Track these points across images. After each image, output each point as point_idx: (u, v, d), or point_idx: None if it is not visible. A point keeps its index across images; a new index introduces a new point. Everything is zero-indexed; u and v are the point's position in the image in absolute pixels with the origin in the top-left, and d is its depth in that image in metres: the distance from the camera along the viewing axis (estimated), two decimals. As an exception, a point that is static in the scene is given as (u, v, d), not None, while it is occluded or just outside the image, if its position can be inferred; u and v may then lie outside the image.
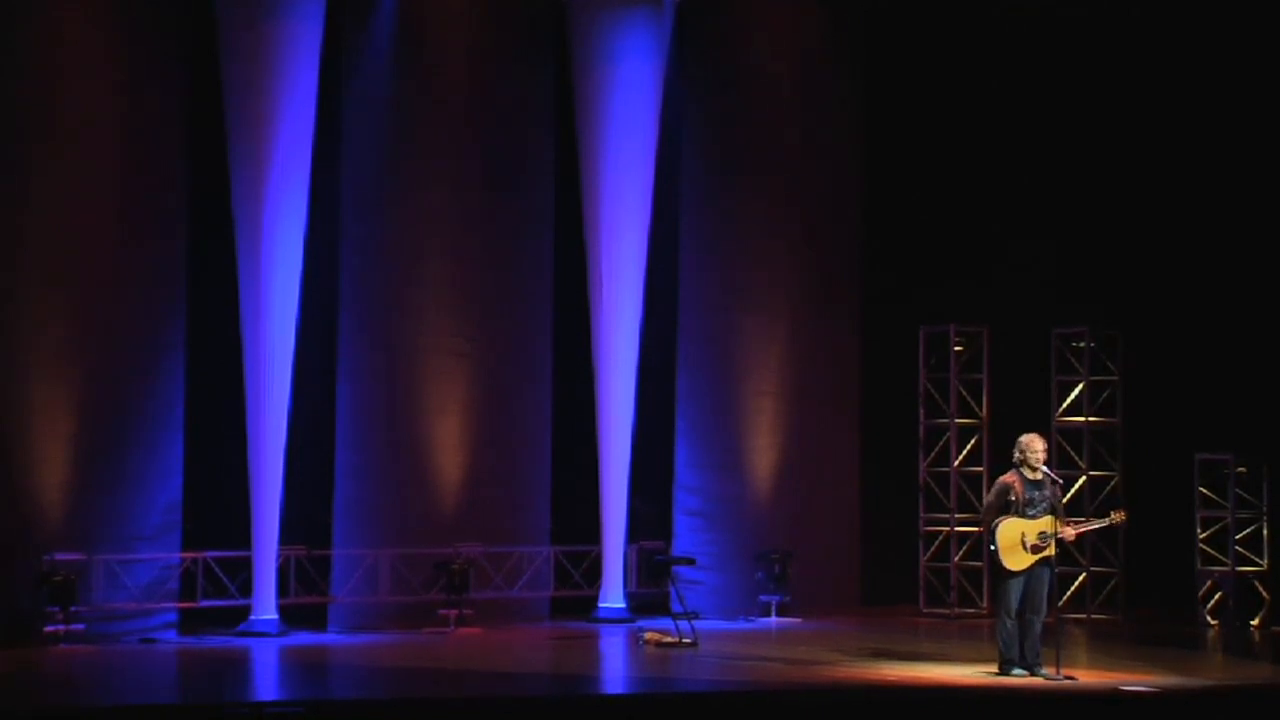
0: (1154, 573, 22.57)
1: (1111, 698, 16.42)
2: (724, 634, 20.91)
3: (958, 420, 23.06)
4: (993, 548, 17.16)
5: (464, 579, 20.76)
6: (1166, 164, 23.01)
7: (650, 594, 22.08)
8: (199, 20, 20.04)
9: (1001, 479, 17.44)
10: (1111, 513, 17.81)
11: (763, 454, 22.62)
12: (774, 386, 22.74)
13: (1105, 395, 23.05)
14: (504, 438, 21.59)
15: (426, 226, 21.23)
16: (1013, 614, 17.19)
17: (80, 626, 19.12)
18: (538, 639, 20.72)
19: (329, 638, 20.28)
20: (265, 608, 20.03)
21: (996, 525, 17.16)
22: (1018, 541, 17.11)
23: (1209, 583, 22.02)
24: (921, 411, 23.27)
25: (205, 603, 20.17)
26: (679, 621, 19.88)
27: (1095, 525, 18.13)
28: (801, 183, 22.91)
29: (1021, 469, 17.36)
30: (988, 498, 17.65)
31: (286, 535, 20.21)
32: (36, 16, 19.29)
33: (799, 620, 22.11)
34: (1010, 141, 23.46)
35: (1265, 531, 21.97)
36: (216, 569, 20.21)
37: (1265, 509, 21.97)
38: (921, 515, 23.17)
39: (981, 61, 23.42)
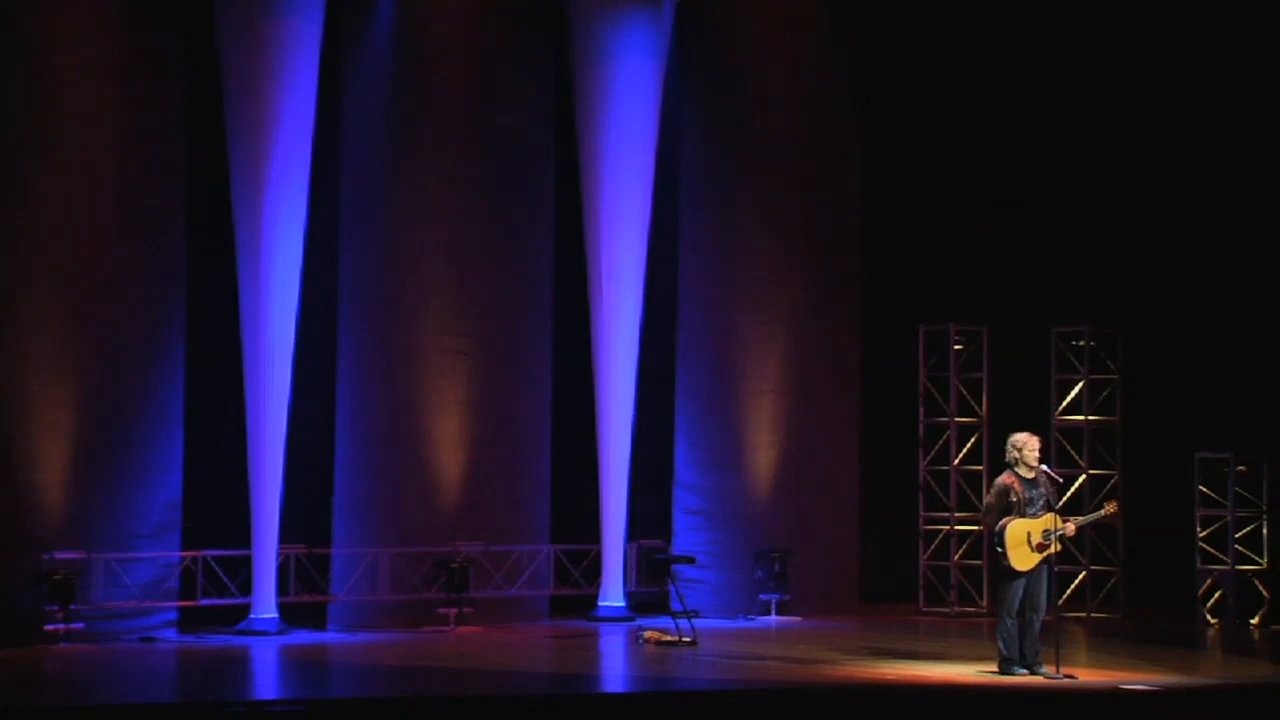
0: (1154, 571, 22.58)
1: (1111, 697, 16.43)
2: (724, 632, 20.92)
3: (957, 419, 23.06)
4: (1000, 549, 17.12)
5: (464, 577, 20.76)
6: (1166, 162, 23.01)
7: (650, 592, 22.08)
8: (199, 20, 20.04)
9: (1000, 480, 17.39)
10: (1105, 504, 17.83)
11: (763, 452, 22.62)
12: (774, 385, 22.73)
13: (1105, 394, 23.05)
14: (504, 436, 21.57)
15: (426, 225, 21.20)
16: (1014, 614, 17.17)
17: (80, 625, 19.10)
18: (537, 638, 20.71)
19: (329, 636, 20.28)
20: (265, 606, 20.02)
21: (1003, 527, 17.13)
22: (1024, 541, 17.08)
23: (1209, 581, 22.01)
24: (921, 410, 23.27)
25: (205, 601, 20.16)
26: (679, 620, 19.89)
27: (1091, 517, 18.13)
28: (801, 182, 22.89)
29: (1017, 468, 17.34)
30: (987, 499, 17.60)
31: (286, 533, 20.20)
32: (36, 17, 19.28)
33: (799, 619, 22.11)
34: (1010, 140, 23.46)
35: (1265, 530, 21.97)
36: (216, 567, 20.21)
37: (1265, 507, 21.97)
38: (921, 514, 23.18)
39: (981, 61, 23.42)
